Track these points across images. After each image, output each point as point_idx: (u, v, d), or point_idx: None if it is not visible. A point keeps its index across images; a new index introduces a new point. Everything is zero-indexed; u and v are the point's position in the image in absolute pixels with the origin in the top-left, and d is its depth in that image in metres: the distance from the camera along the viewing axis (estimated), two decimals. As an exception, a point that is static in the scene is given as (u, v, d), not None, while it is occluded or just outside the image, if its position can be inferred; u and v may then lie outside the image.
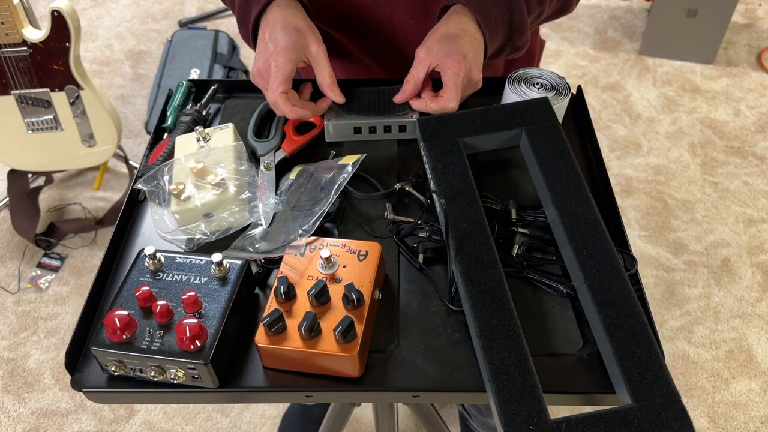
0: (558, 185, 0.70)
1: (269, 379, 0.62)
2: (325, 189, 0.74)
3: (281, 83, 0.75)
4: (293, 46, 0.75)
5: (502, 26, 0.79)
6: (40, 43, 1.55)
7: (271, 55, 0.75)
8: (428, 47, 0.77)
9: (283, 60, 0.74)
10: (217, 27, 2.56)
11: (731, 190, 2.03)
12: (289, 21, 0.76)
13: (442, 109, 0.76)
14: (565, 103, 0.82)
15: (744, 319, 1.71)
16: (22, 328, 1.70)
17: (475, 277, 0.63)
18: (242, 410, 1.55)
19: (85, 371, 0.63)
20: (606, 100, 2.35)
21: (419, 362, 0.62)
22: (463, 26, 0.77)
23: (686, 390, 1.57)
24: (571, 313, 0.66)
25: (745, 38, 2.60)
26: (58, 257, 1.85)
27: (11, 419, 1.54)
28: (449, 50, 0.75)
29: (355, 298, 0.60)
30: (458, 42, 0.75)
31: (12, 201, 1.88)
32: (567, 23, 2.69)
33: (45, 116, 1.68)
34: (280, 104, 0.76)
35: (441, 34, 0.77)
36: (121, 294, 0.63)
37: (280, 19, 0.76)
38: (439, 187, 0.70)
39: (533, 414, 0.55)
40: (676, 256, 1.85)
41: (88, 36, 2.64)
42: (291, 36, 0.75)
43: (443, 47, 0.75)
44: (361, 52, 0.97)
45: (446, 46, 0.75)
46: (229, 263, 0.65)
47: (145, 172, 0.78)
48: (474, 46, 0.76)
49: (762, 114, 2.29)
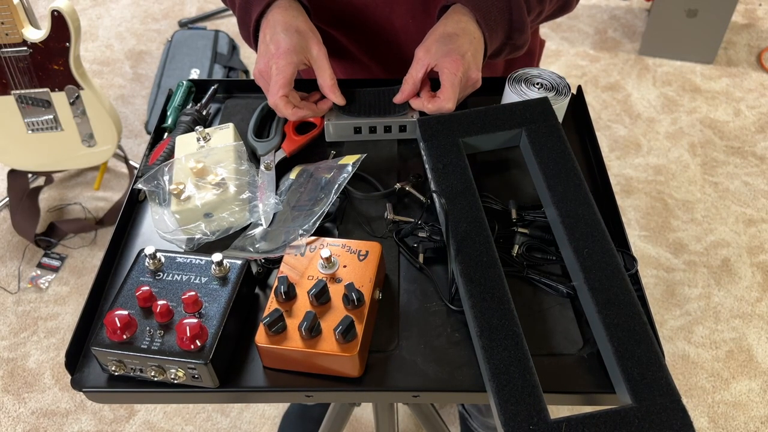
0: (558, 185, 0.70)
1: (269, 379, 0.62)
2: (325, 189, 0.74)
3: (282, 86, 0.75)
4: (294, 48, 0.75)
5: (502, 25, 0.79)
6: (40, 43, 1.55)
7: (272, 57, 0.75)
8: (427, 47, 0.77)
9: (284, 63, 0.74)
10: (217, 27, 2.56)
11: (731, 190, 2.03)
12: (290, 23, 0.76)
13: (438, 109, 0.76)
14: (565, 103, 0.82)
15: (744, 319, 1.71)
16: (22, 328, 1.70)
17: (475, 277, 0.63)
18: (242, 410, 1.55)
19: (85, 371, 0.63)
20: (606, 100, 2.35)
21: (419, 362, 0.62)
22: (462, 25, 0.76)
23: (686, 390, 1.57)
24: (571, 313, 0.66)
25: (745, 38, 2.60)
26: (58, 257, 1.85)
27: (11, 419, 1.54)
28: (447, 50, 0.75)
29: (355, 298, 0.60)
30: (456, 41, 0.75)
31: (12, 201, 1.88)
32: (567, 23, 2.69)
33: (45, 116, 1.68)
34: (280, 107, 0.76)
35: (440, 33, 0.77)
36: (121, 294, 0.63)
37: (281, 21, 0.76)
38: (439, 187, 0.70)
39: (533, 414, 0.55)
40: (676, 256, 1.85)
41: (88, 36, 2.64)
42: (292, 38, 0.75)
43: (441, 47, 0.75)
44: (360, 52, 0.96)
45: (444, 46, 0.75)
46: (229, 263, 0.65)
47: (145, 172, 0.78)
48: (473, 46, 0.76)
49: (762, 114, 2.29)
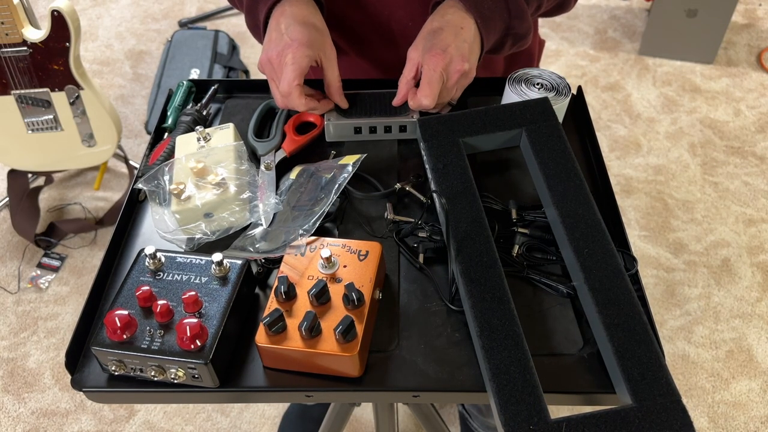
0: (558, 185, 0.70)
1: (269, 379, 0.62)
2: (325, 189, 0.74)
3: (297, 75, 0.74)
4: (311, 43, 0.75)
5: (500, 14, 0.77)
6: (40, 43, 1.55)
7: (288, 46, 0.74)
8: (415, 45, 0.77)
9: (300, 54, 0.74)
10: (217, 27, 2.55)
11: (731, 190, 2.03)
12: (307, 18, 0.76)
13: (418, 106, 0.76)
14: (565, 103, 0.82)
15: (744, 319, 1.71)
16: (22, 328, 1.70)
17: (476, 277, 0.63)
18: (242, 410, 1.55)
19: (85, 371, 0.63)
20: (606, 100, 2.35)
21: (419, 362, 0.62)
22: (447, 18, 0.76)
23: (686, 390, 1.57)
24: (571, 313, 0.66)
25: (745, 38, 2.60)
26: (58, 257, 1.85)
27: (11, 419, 1.54)
28: (430, 45, 0.75)
29: (355, 298, 0.60)
30: (439, 36, 0.75)
31: (12, 201, 1.88)
32: (567, 23, 2.69)
33: (45, 116, 1.68)
34: (294, 96, 0.75)
35: (426, 31, 0.77)
36: (121, 294, 0.63)
37: (298, 14, 0.76)
38: (439, 187, 0.70)
39: (533, 414, 0.55)
40: (676, 256, 1.85)
41: (88, 36, 2.64)
42: (310, 32, 0.75)
43: (426, 44, 0.76)
44: (359, 54, 0.97)
45: (428, 42, 0.75)
46: (229, 263, 0.65)
47: (145, 172, 0.78)
48: (458, 38, 0.75)
49: (762, 114, 2.29)
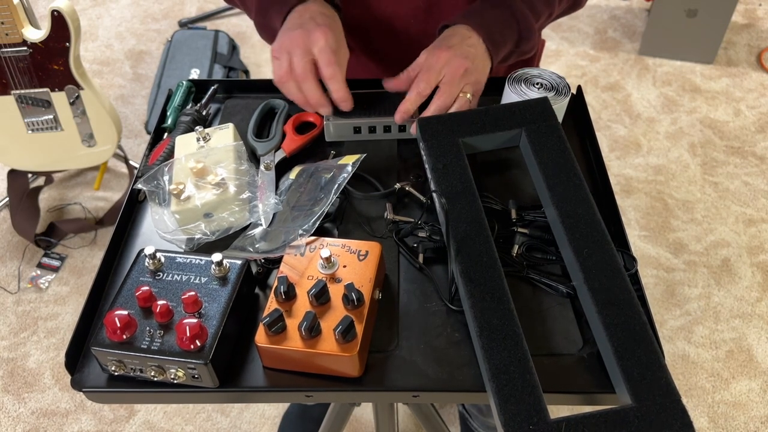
0: (558, 185, 0.70)
1: (269, 379, 0.62)
2: (325, 189, 0.74)
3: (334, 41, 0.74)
4: (337, 40, 0.76)
5: (511, 36, 0.81)
6: (40, 43, 1.55)
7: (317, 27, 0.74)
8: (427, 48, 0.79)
9: (332, 40, 0.74)
10: (217, 27, 2.55)
11: (731, 190, 2.03)
12: (330, 21, 0.77)
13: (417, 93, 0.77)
14: (565, 103, 0.82)
15: (744, 319, 1.71)
16: (22, 328, 1.70)
17: (475, 277, 0.63)
18: (242, 410, 1.55)
19: (85, 371, 0.63)
20: (606, 100, 2.35)
21: (419, 362, 0.62)
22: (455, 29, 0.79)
23: (686, 390, 1.57)
24: (571, 313, 0.66)
25: (745, 38, 2.60)
26: (58, 257, 1.85)
27: (11, 419, 1.54)
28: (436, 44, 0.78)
29: (355, 298, 0.60)
30: (446, 39, 0.78)
31: (12, 201, 1.88)
32: (567, 23, 2.69)
33: (45, 116, 1.68)
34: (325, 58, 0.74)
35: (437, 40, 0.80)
36: (121, 294, 0.63)
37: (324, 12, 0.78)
38: (439, 187, 0.70)
39: (533, 414, 0.55)
40: (676, 256, 1.85)
41: (88, 36, 2.64)
42: (334, 32, 0.76)
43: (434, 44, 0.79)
44: (361, 51, 0.97)
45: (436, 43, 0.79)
46: (229, 263, 0.65)
47: (145, 172, 0.78)
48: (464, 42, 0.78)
49: (762, 114, 2.29)
